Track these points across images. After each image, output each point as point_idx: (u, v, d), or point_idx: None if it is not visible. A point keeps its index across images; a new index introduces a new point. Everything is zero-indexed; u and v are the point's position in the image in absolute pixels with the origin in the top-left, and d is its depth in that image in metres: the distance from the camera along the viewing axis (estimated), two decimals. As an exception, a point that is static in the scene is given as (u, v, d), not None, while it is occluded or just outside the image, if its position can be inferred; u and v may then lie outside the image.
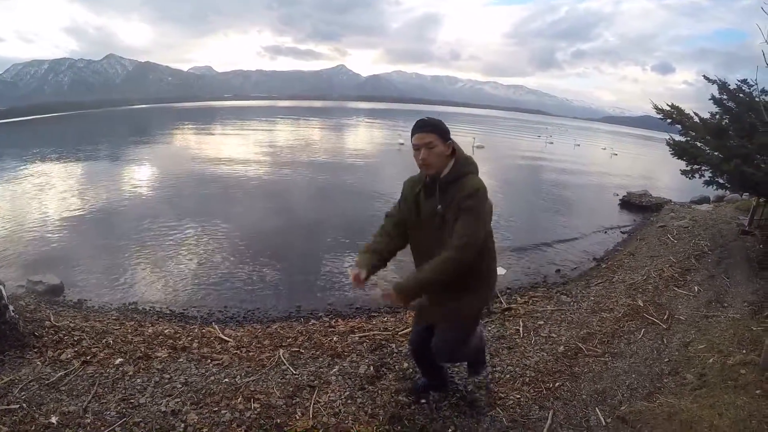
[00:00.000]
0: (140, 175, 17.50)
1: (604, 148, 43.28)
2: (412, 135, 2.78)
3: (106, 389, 3.71)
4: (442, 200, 2.76)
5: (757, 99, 8.27)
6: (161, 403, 3.54)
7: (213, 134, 40.32)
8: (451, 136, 2.77)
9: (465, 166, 2.80)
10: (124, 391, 3.69)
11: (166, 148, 27.40)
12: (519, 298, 6.65)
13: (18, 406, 3.39)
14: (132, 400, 3.57)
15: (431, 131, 2.74)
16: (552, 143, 45.53)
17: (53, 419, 3.30)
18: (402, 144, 31.53)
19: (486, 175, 21.14)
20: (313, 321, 5.88)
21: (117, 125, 54.23)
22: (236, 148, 27.62)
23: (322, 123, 61.17)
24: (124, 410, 3.45)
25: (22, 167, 19.31)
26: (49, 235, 9.97)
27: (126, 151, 25.34)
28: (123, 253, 8.88)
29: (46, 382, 3.72)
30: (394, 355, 4.37)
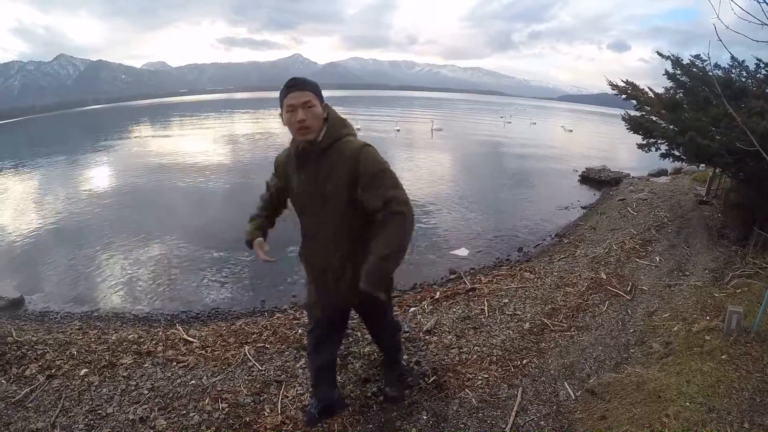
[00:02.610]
0: (95, 181, 17.03)
1: (563, 126, 43.75)
2: (285, 95, 2.42)
3: (72, 402, 3.60)
4: (318, 170, 2.46)
5: (710, 73, 8.40)
6: (129, 411, 3.45)
7: (169, 132, 39.52)
8: (409, 120, 2.57)
9: (341, 128, 2.51)
10: (90, 402, 3.59)
11: (121, 151, 26.73)
12: (483, 278, 6.66)
13: (-15, 428, 3.29)
14: (99, 411, 3.48)
15: (309, 89, 2.41)
16: (510, 123, 45.89)
17: (22, 438, 3.21)
18: (358, 129, 31.76)
19: (446, 156, 21.21)
20: (277, 314, 5.81)
21: (71, 129, 53.12)
22: (192, 145, 27.06)
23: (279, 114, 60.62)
24: (92, 422, 3.36)
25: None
26: (5, 248, 9.68)
27: (80, 156, 24.66)
28: (82, 261, 8.67)
29: (12, 400, 3.60)
30: (360, 342, 4.32)
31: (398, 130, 31.02)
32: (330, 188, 2.44)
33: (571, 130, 39.96)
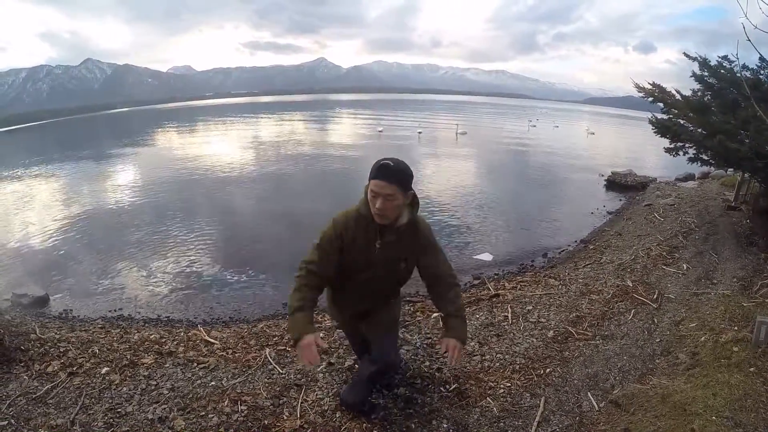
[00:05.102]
0: (122, 182, 17.30)
1: (586, 129, 43.42)
2: (373, 176, 2.57)
3: (93, 400, 3.62)
4: (399, 246, 2.81)
5: (738, 74, 8.25)
6: (148, 411, 3.46)
7: (195, 134, 40.23)
8: (433, 123, 2.68)
9: (417, 210, 2.83)
10: (111, 401, 3.60)
11: (147, 153, 27.17)
12: (507, 284, 6.62)
13: (6, 422, 3.31)
14: (119, 410, 3.49)
15: (394, 183, 2.55)
16: (535, 126, 45.67)
17: (42, 433, 3.23)
18: (381, 131, 32.26)
19: (471, 160, 21.20)
20: (299, 318, 5.82)
21: (99, 131, 53.85)
22: (218, 147, 27.46)
23: (305, 117, 60.90)
24: (111, 420, 3.37)
25: (2, 179, 19.11)
26: (33, 247, 9.87)
27: (108, 158, 25.09)
28: (108, 261, 8.80)
29: (34, 396, 3.63)
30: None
31: (420, 133, 31.11)
32: (400, 257, 2.88)
33: (593, 133, 39.77)
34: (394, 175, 2.55)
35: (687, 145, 9.69)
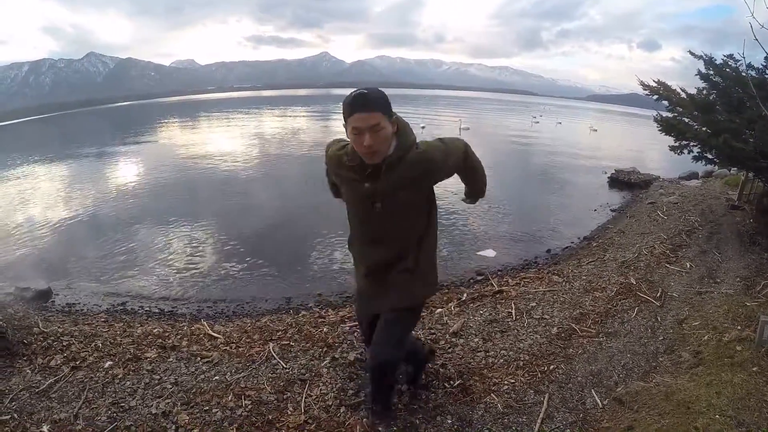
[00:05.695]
0: (125, 176, 17.28)
1: (590, 125, 43.31)
2: (349, 114, 2.15)
3: (96, 394, 3.63)
4: (387, 180, 2.32)
5: (744, 74, 8.22)
6: (152, 405, 3.47)
7: (198, 129, 40.13)
8: (437, 119, 2.45)
9: (409, 137, 2.36)
10: (114, 395, 3.61)
11: (150, 147, 27.09)
12: (510, 280, 6.61)
13: (9, 416, 3.32)
14: (122, 404, 3.50)
15: (378, 110, 2.15)
16: (538, 123, 45.50)
17: (45, 428, 3.22)
18: None
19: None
20: (303, 312, 5.80)
21: (101, 125, 53.80)
22: (221, 142, 27.35)
23: (308, 112, 60.75)
24: (114, 414, 3.38)
25: (4, 173, 19.15)
26: (36, 240, 9.85)
27: (110, 151, 25.12)
28: (111, 255, 8.80)
29: (37, 390, 3.64)
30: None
31: (423, 128, 30.95)
32: (402, 195, 2.38)
33: (596, 130, 39.70)
34: (374, 101, 2.16)
35: (692, 143, 9.66)
